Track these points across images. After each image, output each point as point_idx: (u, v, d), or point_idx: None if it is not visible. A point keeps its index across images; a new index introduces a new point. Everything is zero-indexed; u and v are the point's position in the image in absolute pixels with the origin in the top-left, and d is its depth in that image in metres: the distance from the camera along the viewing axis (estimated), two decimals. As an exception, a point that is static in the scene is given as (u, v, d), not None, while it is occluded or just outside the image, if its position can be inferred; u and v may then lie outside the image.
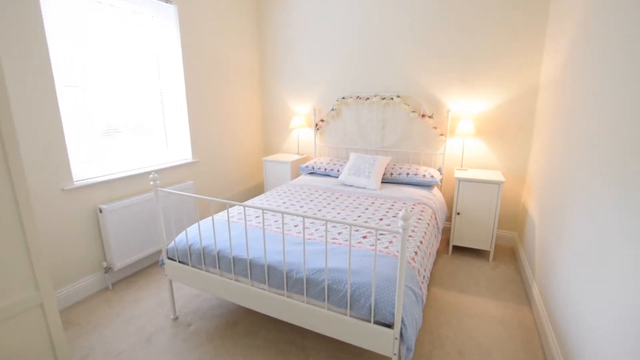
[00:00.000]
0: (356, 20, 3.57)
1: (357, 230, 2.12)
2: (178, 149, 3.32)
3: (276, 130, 4.38)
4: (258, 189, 4.40)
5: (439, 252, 3.23)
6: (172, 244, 2.19)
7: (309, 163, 3.73)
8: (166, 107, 3.16)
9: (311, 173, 3.75)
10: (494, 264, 3.02)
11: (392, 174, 3.30)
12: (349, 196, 2.92)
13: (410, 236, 2.09)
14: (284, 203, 2.71)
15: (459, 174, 3.11)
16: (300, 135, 4.25)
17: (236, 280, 1.93)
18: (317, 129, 4.02)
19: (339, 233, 2.09)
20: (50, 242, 2.29)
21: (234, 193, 4.01)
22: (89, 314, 2.38)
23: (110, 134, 2.70)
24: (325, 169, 3.62)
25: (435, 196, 3.03)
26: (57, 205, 2.30)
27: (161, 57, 3.06)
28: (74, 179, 2.43)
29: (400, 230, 1.33)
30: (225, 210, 2.57)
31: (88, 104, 2.52)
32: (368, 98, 3.63)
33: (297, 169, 3.93)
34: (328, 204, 2.71)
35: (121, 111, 2.77)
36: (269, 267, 1.80)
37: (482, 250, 3.24)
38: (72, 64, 2.39)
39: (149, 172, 2.92)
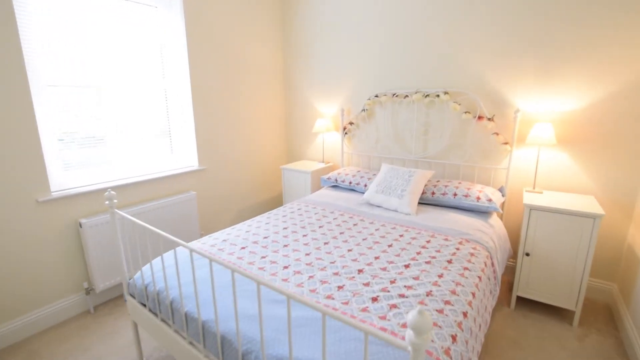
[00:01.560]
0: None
1: (367, 285, 1.46)
2: (184, 155, 2.94)
3: (301, 134, 3.83)
4: (277, 201, 3.90)
5: (496, 303, 2.39)
6: (137, 275, 1.75)
7: (332, 174, 3.11)
8: (171, 109, 2.80)
9: (334, 186, 3.13)
10: (581, 331, 2.10)
11: (433, 193, 2.53)
12: (371, 222, 2.24)
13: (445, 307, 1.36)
14: (285, 229, 2.13)
15: (530, 198, 2.24)
16: (326, 140, 3.65)
17: (190, 343, 1.40)
18: (345, 133, 3.38)
19: (340, 287, 1.45)
20: (24, 257, 2.00)
21: (249, 205, 3.55)
22: (58, 344, 2.05)
23: (105, 138, 2.39)
24: (350, 183, 2.97)
25: (494, 228, 2.21)
26: (31, 218, 2.01)
27: (165, 53, 2.69)
28: (52, 189, 2.13)
29: (409, 348, 0.67)
30: (198, 240, 2.07)
31: (79, 105, 2.22)
32: (407, 96, 2.90)
33: (319, 180, 3.33)
34: (341, 233, 2.06)
35: (119, 113, 2.44)
36: (222, 338, 1.23)
37: (563, 309, 2.32)
38: (58, 60, 2.09)
39: (143, 182, 2.57)
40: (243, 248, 1.85)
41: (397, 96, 2.95)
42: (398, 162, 3.12)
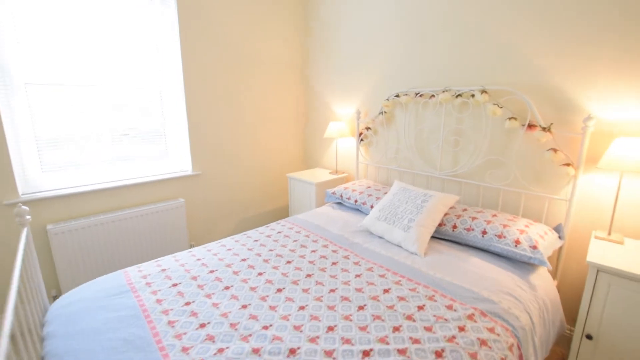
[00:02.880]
0: (425, -29, 2.24)
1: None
2: (178, 159, 2.72)
3: (318, 138, 3.38)
4: (283, 213, 3.50)
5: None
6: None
7: (338, 189, 2.61)
8: (166, 109, 2.58)
9: (339, 203, 2.62)
10: None
11: (455, 226, 1.89)
12: (357, 262, 1.70)
13: None
14: (244, 260, 1.71)
15: (600, 250, 1.49)
16: (341, 147, 3.14)
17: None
18: (361, 140, 2.83)
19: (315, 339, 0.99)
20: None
21: (251, 215, 3.22)
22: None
23: (91, 139, 2.25)
24: (356, 201, 2.43)
25: (536, 292, 1.51)
26: (5, 219, 1.93)
27: (161, 49, 2.47)
28: (23, 192, 2.04)
29: None
30: (138, 267, 1.75)
31: (66, 104, 2.11)
32: (433, 95, 2.25)
33: (324, 194, 2.85)
34: (308, 275, 1.57)
35: (108, 113, 2.28)
36: None
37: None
38: (40, 57, 1.98)
39: (129, 186, 2.39)
40: (174, 285, 1.49)
41: (421, 96, 2.32)
42: (421, 179, 2.49)
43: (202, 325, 1.23)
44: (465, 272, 1.59)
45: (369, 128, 2.76)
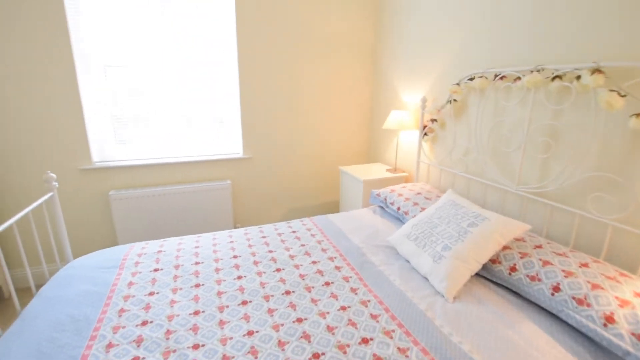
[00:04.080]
0: None
1: None
2: (231, 141, 2.77)
3: (381, 129, 2.94)
4: (333, 208, 3.20)
5: None
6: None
7: (383, 191, 2.19)
8: (222, 90, 2.63)
9: (382, 207, 2.20)
10: None
11: (514, 268, 1.29)
12: (354, 290, 1.34)
13: None
14: (237, 257, 1.56)
15: None
16: (404, 141, 2.64)
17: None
18: (425, 134, 2.29)
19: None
20: (66, 216, 2.36)
21: (302, 205, 3.07)
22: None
23: (155, 116, 2.48)
24: (399, 209, 1.98)
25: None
26: (74, 183, 2.33)
27: (217, 26, 2.50)
28: (95, 160, 2.39)
29: None
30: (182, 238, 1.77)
31: (134, 85, 2.36)
32: (518, 78, 1.58)
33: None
34: (287, 291, 1.31)
35: (172, 93, 2.47)
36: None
37: None
38: (116, 42, 2.24)
39: (180, 163, 2.56)
40: (155, 270, 1.46)
41: (502, 78, 1.67)
42: (493, 193, 1.85)
43: (144, 323, 1.14)
44: (508, 346, 1.05)
45: (435, 120, 2.20)
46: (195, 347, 1.04)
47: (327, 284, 1.38)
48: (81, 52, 2.18)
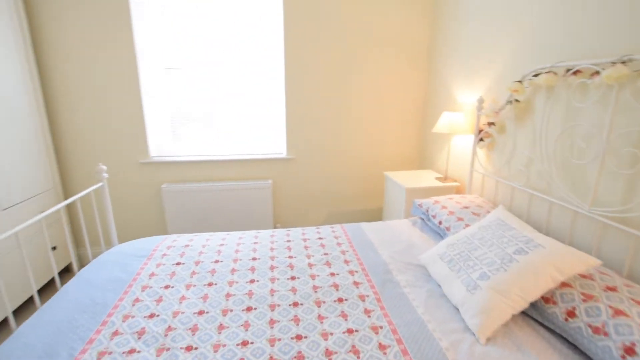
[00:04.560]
0: None
1: None
2: (275, 141, 2.79)
3: (434, 133, 2.68)
4: (376, 215, 2.99)
5: None
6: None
7: (426, 202, 1.96)
8: (267, 89, 2.67)
9: (424, 219, 1.98)
10: None
11: (573, 313, 1.02)
12: (367, 313, 1.20)
13: None
14: (256, 259, 1.53)
15: None
16: (458, 146, 2.35)
17: None
18: (481, 139, 2.00)
19: None
20: (126, 203, 2.63)
21: (343, 210, 2.95)
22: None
23: (207, 115, 2.63)
24: (441, 223, 1.75)
25: None
26: (133, 175, 2.58)
27: (265, 28, 2.54)
28: (152, 155, 2.61)
29: None
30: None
31: (189, 86, 2.54)
32: (597, 72, 1.25)
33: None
34: (295, 303, 1.23)
35: (220, 94, 2.59)
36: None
37: None
38: (174, 46, 2.44)
39: (226, 161, 2.67)
40: (177, 264, 1.50)
41: (575, 73, 1.35)
42: (561, 213, 1.52)
43: (151, 316, 1.17)
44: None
45: (493, 124, 1.90)
46: (189, 348, 1.02)
47: (339, 300, 1.26)
48: (144, 55, 2.40)
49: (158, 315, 1.17)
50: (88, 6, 2.21)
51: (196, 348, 1.03)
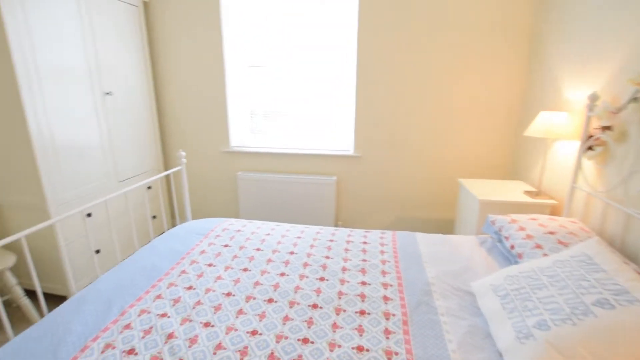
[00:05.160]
0: None
1: None
2: (342, 137, 2.75)
3: (531, 137, 2.20)
4: (447, 226, 2.62)
5: None
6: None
7: (500, 219, 1.64)
8: (339, 84, 2.65)
9: (497, 238, 1.66)
10: None
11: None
12: (389, 351, 1.07)
13: None
14: (294, 253, 1.54)
15: None
16: (559, 155, 1.88)
17: None
18: (589, 148, 1.56)
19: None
20: (208, 187, 2.99)
21: (412, 215, 2.72)
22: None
23: (280, 110, 2.80)
24: (513, 247, 1.45)
25: None
26: (216, 162, 2.92)
27: (339, 23, 2.50)
28: (231, 145, 2.89)
29: None
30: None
31: (267, 83, 2.74)
32: None
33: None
34: (315, 305, 1.20)
35: (295, 91, 2.71)
36: (72, 302, 1.30)
37: None
38: (255, 46, 2.65)
39: (294, 155, 2.77)
40: (225, 246, 1.62)
41: None
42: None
43: (189, 288, 1.30)
44: None
45: (608, 128, 1.46)
46: (207, 325, 1.10)
47: (361, 312, 1.17)
48: (229, 55, 2.66)
49: (194, 289, 1.30)
50: (187, 14, 2.56)
51: (212, 326, 1.10)
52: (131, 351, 0.97)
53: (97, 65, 2.15)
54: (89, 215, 2.10)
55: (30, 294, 1.74)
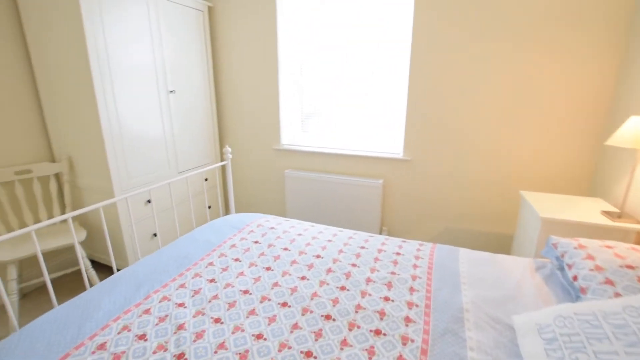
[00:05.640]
0: None
1: None
2: (393, 139, 2.60)
3: (611, 146, 1.80)
4: (504, 243, 2.27)
5: None
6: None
7: (565, 243, 1.37)
8: (390, 82, 2.51)
9: (558, 264, 1.39)
10: None
11: None
12: None
13: None
14: (320, 257, 1.48)
15: None
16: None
17: None
18: (701, 164, 1.20)
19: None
20: (261, 182, 3.09)
21: (461, 227, 2.45)
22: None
23: (330, 111, 2.76)
24: (576, 278, 1.19)
25: None
26: (268, 159, 3.00)
27: (393, 21, 2.36)
28: (282, 143, 2.94)
29: None
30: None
31: (318, 83, 2.73)
32: None
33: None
34: (327, 316, 1.13)
35: (345, 91, 2.65)
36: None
37: None
38: (310, 45, 2.65)
39: (341, 155, 2.71)
40: (255, 242, 1.64)
41: None
42: None
43: (211, 280, 1.34)
44: None
45: None
46: (217, 320, 1.11)
47: (377, 332, 1.07)
48: (283, 55, 2.69)
49: (215, 282, 1.33)
50: (247, 18, 2.65)
51: (222, 323, 1.11)
52: (142, 336, 1.02)
53: (163, 64, 2.35)
54: (148, 201, 2.33)
55: (96, 266, 1.99)
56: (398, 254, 1.55)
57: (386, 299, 1.23)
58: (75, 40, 1.83)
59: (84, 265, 2.00)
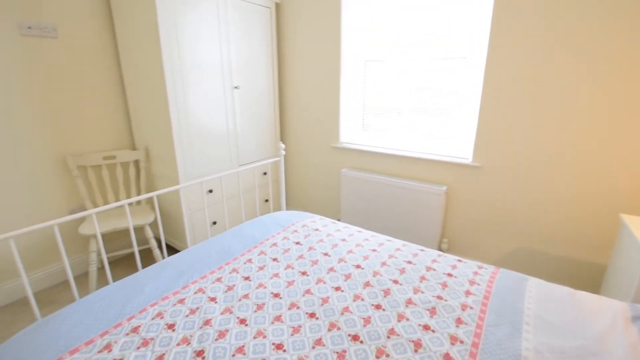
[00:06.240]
0: None
1: None
2: (459, 142, 2.32)
3: None
4: (595, 275, 1.80)
5: None
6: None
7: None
8: (461, 83, 2.23)
9: (667, 323, 1.06)
10: None
11: None
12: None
13: None
14: (360, 267, 1.37)
15: None
16: None
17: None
18: None
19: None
20: (317, 180, 3.07)
21: (532, 249, 2.06)
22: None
23: (393, 109, 2.60)
24: (697, 347, 0.88)
25: None
26: (326, 156, 2.96)
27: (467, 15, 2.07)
28: (341, 141, 2.86)
29: None
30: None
31: (381, 79, 2.59)
32: None
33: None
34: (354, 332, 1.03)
35: (411, 89, 2.47)
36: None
37: None
38: (375, 40, 2.52)
39: (402, 157, 2.53)
40: (296, 243, 1.60)
41: None
42: None
43: (246, 278, 1.34)
44: None
45: None
46: (242, 321, 1.10)
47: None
48: (346, 50, 2.59)
49: (250, 280, 1.33)
50: (312, 14, 2.62)
51: (246, 325, 1.09)
52: (171, 325, 1.06)
53: (229, 61, 2.46)
54: (210, 191, 2.48)
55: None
56: (450, 275, 1.36)
57: (426, 327, 1.08)
58: (151, 40, 2.00)
59: (151, 245, 2.21)
